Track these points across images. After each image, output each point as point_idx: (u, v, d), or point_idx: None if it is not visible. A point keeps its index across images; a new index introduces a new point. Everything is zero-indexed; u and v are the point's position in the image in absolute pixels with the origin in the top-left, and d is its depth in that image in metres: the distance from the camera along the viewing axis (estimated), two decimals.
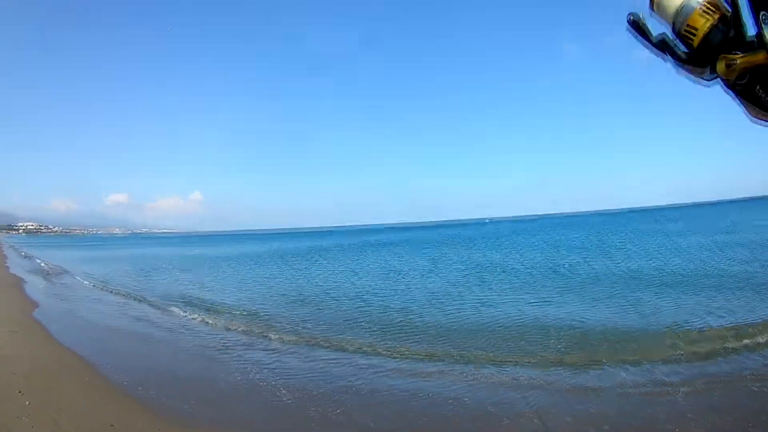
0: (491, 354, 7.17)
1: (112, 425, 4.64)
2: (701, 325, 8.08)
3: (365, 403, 5.50)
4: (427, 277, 17.59)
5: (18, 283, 15.89)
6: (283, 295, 14.83)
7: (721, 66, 0.54)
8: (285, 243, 66.14)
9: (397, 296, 13.58)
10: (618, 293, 11.60)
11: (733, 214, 53.23)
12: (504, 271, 17.87)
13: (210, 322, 10.42)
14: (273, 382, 6.15)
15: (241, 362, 7.26)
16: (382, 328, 9.32)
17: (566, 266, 17.71)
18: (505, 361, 6.78)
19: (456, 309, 10.98)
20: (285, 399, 5.55)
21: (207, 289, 16.93)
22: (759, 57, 0.52)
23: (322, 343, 8.32)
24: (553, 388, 5.69)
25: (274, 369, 6.87)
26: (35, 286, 15.62)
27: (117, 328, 10.05)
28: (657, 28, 0.63)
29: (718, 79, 0.57)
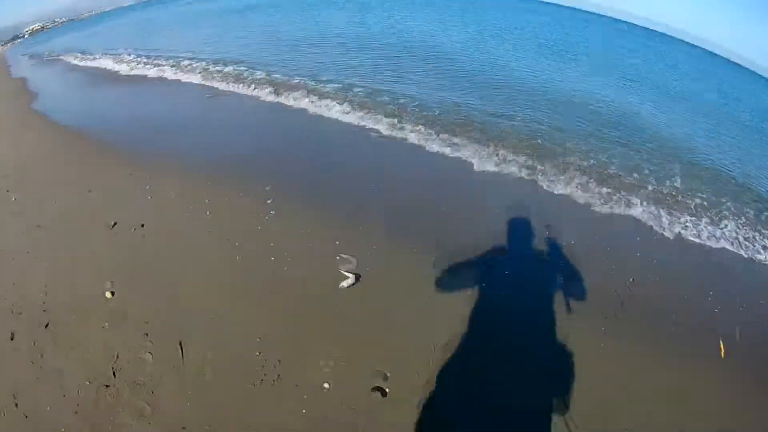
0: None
1: (89, 191, 4.49)
2: None
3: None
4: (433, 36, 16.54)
5: (20, 84, 15.38)
6: (280, 40, 14.72)
7: None
8: None
9: (395, 48, 13.13)
10: None
11: None
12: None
13: (205, 83, 10.56)
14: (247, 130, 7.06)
15: (225, 112, 8.16)
16: (364, 76, 9.60)
17: None
18: None
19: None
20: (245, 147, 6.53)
21: (207, 44, 16.06)
22: None
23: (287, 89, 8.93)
24: None
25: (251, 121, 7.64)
26: (35, 80, 15.08)
27: (113, 99, 10.03)
28: None
29: None
